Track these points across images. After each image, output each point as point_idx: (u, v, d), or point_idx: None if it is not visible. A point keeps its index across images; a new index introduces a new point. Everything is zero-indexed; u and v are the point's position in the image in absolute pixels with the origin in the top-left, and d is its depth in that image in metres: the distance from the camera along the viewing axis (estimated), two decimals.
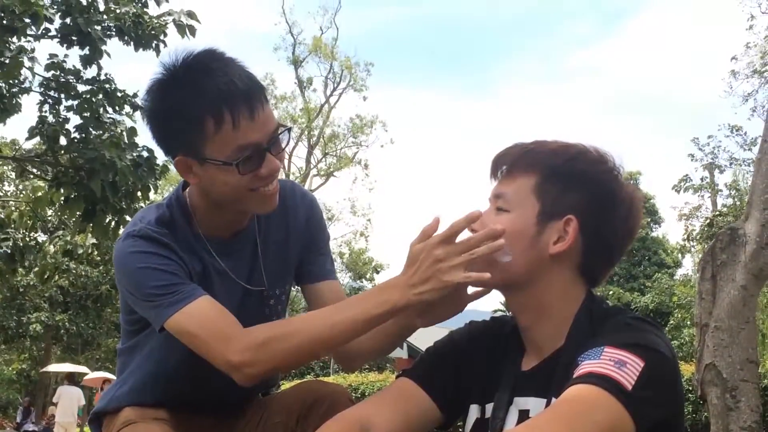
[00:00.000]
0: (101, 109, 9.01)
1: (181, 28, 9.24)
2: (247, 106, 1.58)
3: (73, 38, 8.95)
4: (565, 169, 1.47)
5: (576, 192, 1.46)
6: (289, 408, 1.80)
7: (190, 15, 9.32)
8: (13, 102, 8.82)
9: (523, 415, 1.45)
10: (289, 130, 1.68)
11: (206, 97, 1.57)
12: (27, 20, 8.33)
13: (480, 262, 1.45)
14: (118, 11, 9.08)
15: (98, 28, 8.89)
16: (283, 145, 1.67)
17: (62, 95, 9.08)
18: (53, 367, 23.59)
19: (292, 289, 1.99)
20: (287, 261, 1.89)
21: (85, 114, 8.89)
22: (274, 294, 1.87)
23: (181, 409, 1.85)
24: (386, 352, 1.80)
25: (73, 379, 18.31)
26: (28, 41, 8.98)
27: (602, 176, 1.48)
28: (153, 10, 9.54)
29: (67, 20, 8.82)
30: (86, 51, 8.97)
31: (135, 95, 9.23)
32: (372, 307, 1.53)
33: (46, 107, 9.08)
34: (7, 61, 8.42)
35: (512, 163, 1.51)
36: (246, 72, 1.64)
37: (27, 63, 8.86)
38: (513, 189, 1.49)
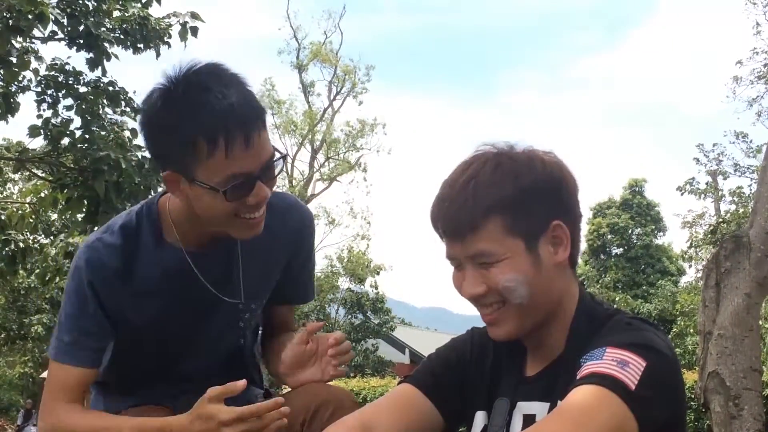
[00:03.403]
0: (101, 109, 9.02)
1: (185, 30, 9.26)
2: (242, 133, 1.55)
3: (80, 41, 8.97)
4: (523, 194, 1.40)
5: (543, 203, 1.42)
6: (294, 411, 1.77)
7: (194, 16, 9.34)
8: (11, 101, 8.83)
9: (528, 419, 1.44)
10: (284, 157, 1.67)
11: (202, 119, 1.55)
12: (32, 18, 8.34)
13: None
14: (124, 14, 9.10)
15: (103, 30, 8.91)
16: (276, 172, 1.66)
17: (60, 94, 9.09)
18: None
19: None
20: (270, 276, 1.88)
21: (87, 115, 8.90)
22: (249, 308, 1.86)
23: (180, 408, 1.83)
24: None
25: None
26: (33, 42, 9.00)
27: (551, 176, 1.44)
28: (154, 10, 9.58)
29: (75, 23, 8.84)
30: (92, 54, 8.99)
31: (134, 92, 9.27)
32: None
33: (44, 106, 9.09)
34: (14, 60, 8.44)
35: (465, 222, 1.41)
36: (246, 94, 1.61)
37: (34, 63, 8.89)
38: (486, 243, 1.40)
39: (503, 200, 1.39)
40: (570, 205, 1.46)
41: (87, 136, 8.77)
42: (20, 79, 8.94)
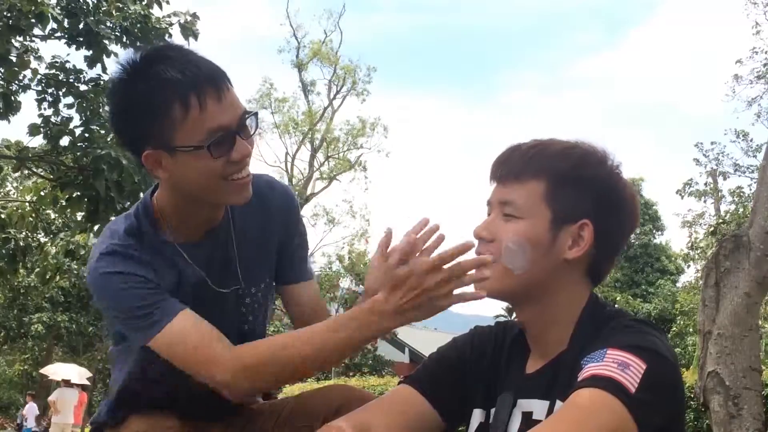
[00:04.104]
0: (101, 108, 9.02)
1: (186, 30, 9.27)
2: (213, 88, 1.57)
3: (80, 39, 8.97)
4: (575, 174, 1.46)
5: (586, 196, 1.45)
6: (316, 412, 1.75)
7: (194, 17, 9.36)
8: (11, 99, 8.83)
9: (527, 416, 1.45)
10: (256, 115, 1.67)
11: (170, 84, 1.56)
12: (32, 20, 8.36)
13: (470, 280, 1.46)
14: (125, 11, 9.11)
15: (103, 28, 8.92)
16: (252, 131, 1.65)
17: (61, 92, 9.09)
18: (50, 369, 23.51)
19: None
20: (265, 258, 1.86)
21: (87, 113, 8.90)
22: (249, 292, 1.84)
23: (189, 415, 1.81)
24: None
25: (69, 381, 18.45)
26: (33, 41, 9.01)
27: (610, 178, 1.48)
28: (155, 11, 9.59)
29: (74, 21, 8.85)
30: (91, 52, 8.99)
31: None
32: (360, 332, 1.54)
33: (45, 105, 9.09)
34: (14, 59, 8.44)
35: (518, 168, 1.48)
36: (206, 58, 1.63)
37: (34, 63, 8.90)
38: (521, 195, 1.46)
39: (558, 171, 1.45)
40: (611, 219, 1.47)
41: (87, 135, 8.77)
42: (20, 78, 8.94)
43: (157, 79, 1.57)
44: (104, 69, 9.20)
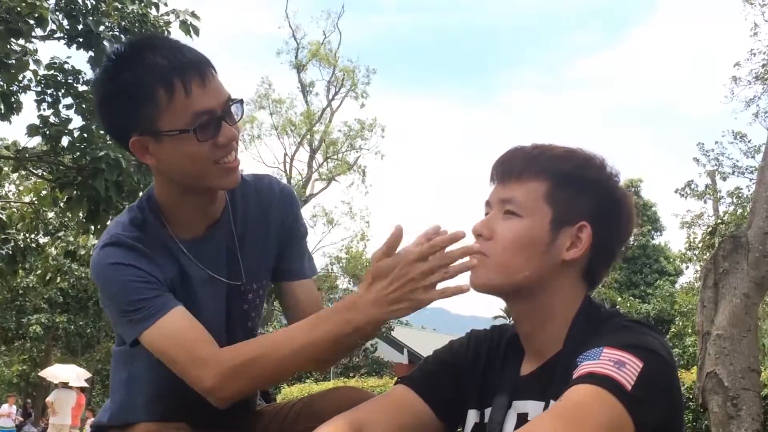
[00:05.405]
0: None
1: (185, 27, 9.27)
2: (197, 73, 1.59)
3: (80, 39, 8.97)
4: (576, 175, 1.48)
5: (587, 198, 1.47)
6: (322, 414, 1.70)
7: (193, 15, 9.36)
8: (11, 100, 8.82)
9: (522, 418, 1.45)
10: (241, 102, 1.68)
11: (155, 70, 1.58)
12: (31, 22, 8.36)
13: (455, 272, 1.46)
14: (123, 10, 9.11)
15: (102, 28, 8.92)
16: (237, 118, 1.66)
17: (60, 93, 9.09)
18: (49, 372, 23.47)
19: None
20: (266, 255, 1.86)
21: (87, 114, 8.90)
22: (252, 288, 1.84)
23: (195, 421, 1.79)
24: (342, 357, 1.70)
25: (67, 383, 18.46)
26: (31, 42, 9.01)
27: (609, 182, 1.50)
28: (153, 9, 9.59)
29: (73, 22, 8.86)
30: (92, 53, 9.00)
31: None
32: (339, 327, 1.52)
33: (44, 105, 9.09)
34: (13, 62, 8.44)
35: (521, 167, 1.50)
36: (191, 47, 1.65)
37: (32, 65, 8.89)
38: (523, 193, 1.48)
39: (559, 172, 1.48)
40: (609, 223, 1.48)
41: (86, 135, 8.77)
42: (20, 78, 8.94)
43: (141, 66, 1.59)
44: None
